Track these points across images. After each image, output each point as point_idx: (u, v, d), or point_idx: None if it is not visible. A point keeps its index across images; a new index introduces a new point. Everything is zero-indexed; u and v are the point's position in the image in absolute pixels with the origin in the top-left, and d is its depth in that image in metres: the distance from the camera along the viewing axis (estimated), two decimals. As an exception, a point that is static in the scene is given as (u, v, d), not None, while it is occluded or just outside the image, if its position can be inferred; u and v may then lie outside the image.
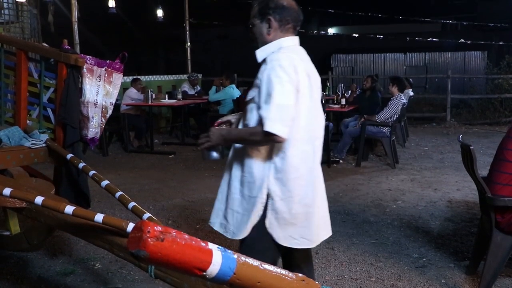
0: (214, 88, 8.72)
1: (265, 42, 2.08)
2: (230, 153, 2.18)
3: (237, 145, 2.12)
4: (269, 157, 2.01)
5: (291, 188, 2.01)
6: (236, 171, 2.10)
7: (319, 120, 2.13)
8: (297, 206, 2.04)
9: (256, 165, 2.03)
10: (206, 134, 2.12)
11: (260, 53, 2.07)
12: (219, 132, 2.11)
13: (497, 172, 2.92)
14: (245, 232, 2.06)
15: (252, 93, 2.06)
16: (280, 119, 1.88)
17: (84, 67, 3.21)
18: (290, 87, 1.91)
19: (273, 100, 1.88)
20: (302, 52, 2.12)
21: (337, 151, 6.91)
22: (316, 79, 2.11)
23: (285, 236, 2.05)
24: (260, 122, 1.92)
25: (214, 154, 2.20)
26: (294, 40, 2.11)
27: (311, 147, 2.08)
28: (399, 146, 7.92)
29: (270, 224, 2.02)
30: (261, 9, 2.08)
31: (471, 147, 2.95)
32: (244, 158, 2.06)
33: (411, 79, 9.48)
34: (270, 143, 1.96)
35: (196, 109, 9.31)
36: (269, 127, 1.86)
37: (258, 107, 1.97)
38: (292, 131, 1.94)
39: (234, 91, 8.11)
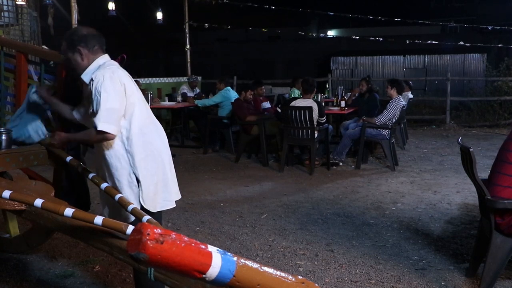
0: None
1: (83, 68, 2.50)
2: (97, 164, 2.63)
3: (99, 153, 2.54)
4: (123, 149, 2.45)
5: (147, 166, 2.48)
6: (108, 173, 2.52)
7: (148, 109, 2.63)
8: (155, 178, 2.52)
9: (117, 160, 2.46)
10: (54, 139, 2.65)
11: (85, 77, 2.48)
12: (61, 138, 2.63)
13: (499, 174, 2.91)
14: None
15: (90, 110, 2.47)
16: (109, 120, 2.34)
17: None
18: (114, 94, 2.36)
19: (102, 105, 2.33)
20: (115, 65, 2.56)
21: (336, 153, 6.91)
22: (131, 81, 2.53)
23: (155, 204, 2.52)
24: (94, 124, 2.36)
25: None
26: (105, 58, 2.55)
27: (151, 128, 2.55)
28: (399, 149, 7.92)
29: (143, 200, 2.48)
30: (69, 44, 2.51)
31: (470, 150, 2.95)
32: (106, 159, 2.49)
33: (410, 82, 9.47)
34: (103, 140, 2.42)
35: (195, 112, 9.31)
36: (101, 127, 2.33)
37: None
38: (133, 124, 2.44)
39: (230, 93, 8.12)
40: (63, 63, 3.16)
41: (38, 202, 2.06)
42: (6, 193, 2.17)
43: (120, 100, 2.38)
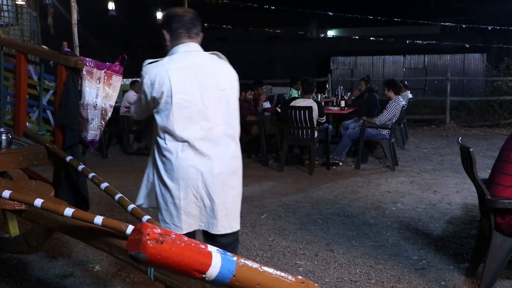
0: None
1: None
2: None
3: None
4: (154, 153, 2.33)
5: (165, 179, 2.27)
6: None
7: (202, 123, 2.23)
8: (168, 195, 2.28)
9: (150, 160, 2.40)
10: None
11: None
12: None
13: (500, 173, 2.91)
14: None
15: None
16: (134, 108, 2.47)
17: (84, 69, 3.21)
18: (142, 92, 2.28)
19: (138, 96, 2.40)
20: (186, 58, 2.27)
21: (336, 153, 6.91)
22: (207, 82, 2.25)
23: (161, 219, 2.31)
24: None
25: None
26: (186, 47, 2.28)
27: (183, 146, 2.21)
28: (399, 148, 7.92)
29: (159, 206, 2.34)
30: (159, 27, 2.39)
31: (470, 149, 2.95)
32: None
33: (406, 82, 9.47)
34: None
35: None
36: (131, 107, 2.55)
37: None
38: (162, 133, 2.24)
39: None
40: (63, 63, 3.17)
41: (38, 202, 2.06)
42: (6, 193, 2.17)
43: (142, 103, 2.32)
